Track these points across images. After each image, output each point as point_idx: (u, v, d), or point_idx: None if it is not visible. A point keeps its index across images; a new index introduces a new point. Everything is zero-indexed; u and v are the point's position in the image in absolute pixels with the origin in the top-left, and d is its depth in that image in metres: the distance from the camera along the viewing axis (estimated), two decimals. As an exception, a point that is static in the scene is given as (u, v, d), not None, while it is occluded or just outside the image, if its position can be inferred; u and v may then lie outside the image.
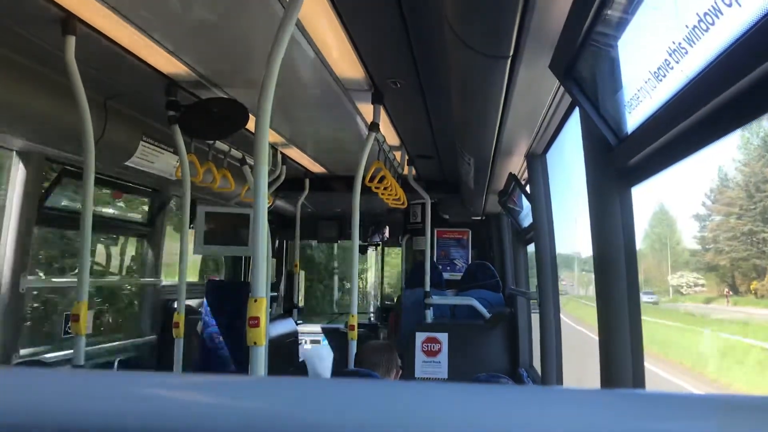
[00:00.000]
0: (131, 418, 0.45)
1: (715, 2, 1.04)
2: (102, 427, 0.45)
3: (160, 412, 0.46)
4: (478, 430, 0.45)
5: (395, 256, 8.06)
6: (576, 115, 2.24)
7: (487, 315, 4.58)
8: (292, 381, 0.49)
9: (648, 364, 1.77)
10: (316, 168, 5.42)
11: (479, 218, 6.32)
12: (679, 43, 1.21)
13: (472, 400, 0.47)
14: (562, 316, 3.34)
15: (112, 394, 0.48)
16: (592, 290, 1.90)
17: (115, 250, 4.67)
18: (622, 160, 1.69)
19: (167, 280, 4.72)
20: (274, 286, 6.84)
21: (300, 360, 5.79)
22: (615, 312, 1.75)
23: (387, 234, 7.34)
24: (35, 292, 3.65)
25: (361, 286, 8.78)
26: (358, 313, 3.65)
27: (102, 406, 0.46)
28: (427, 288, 4.88)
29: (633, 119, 1.57)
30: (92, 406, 0.46)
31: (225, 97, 3.23)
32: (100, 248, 4.52)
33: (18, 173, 3.15)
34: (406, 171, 4.99)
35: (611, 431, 0.45)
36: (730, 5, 1.01)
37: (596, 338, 1.84)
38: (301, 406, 0.46)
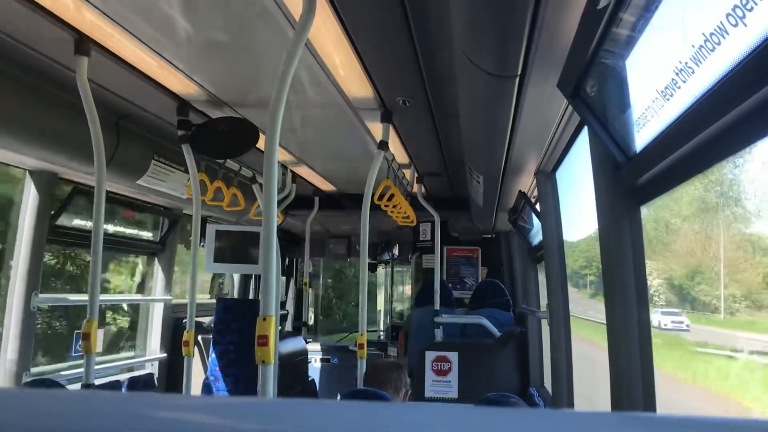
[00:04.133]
0: None
1: (721, 22, 1.05)
2: None
3: None
4: None
5: (405, 274, 8.06)
6: (585, 133, 2.24)
7: (498, 334, 4.55)
8: (300, 403, 0.49)
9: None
10: (325, 186, 5.43)
11: (489, 236, 6.30)
12: (686, 63, 1.21)
13: (482, 424, 0.46)
14: None
15: (122, 416, 0.48)
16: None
17: (125, 269, 4.69)
18: (630, 179, 1.69)
19: (178, 298, 4.73)
20: (284, 304, 6.84)
21: (309, 378, 5.76)
22: (625, 331, 1.74)
23: (396, 252, 7.33)
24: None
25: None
26: (368, 331, 3.64)
27: (110, 428, 0.46)
28: (437, 306, 4.87)
29: (641, 138, 1.57)
30: (101, 429, 0.46)
31: (235, 116, 3.26)
32: (111, 266, 4.54)
33: (30, 192, 3.18)
34: (415, 189, 4.99)
35: None
36: (735, 25, 1.02)
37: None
38: (310, 430, 0.46)
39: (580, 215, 3.37)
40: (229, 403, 0.52)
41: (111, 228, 4.10)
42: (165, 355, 4.59)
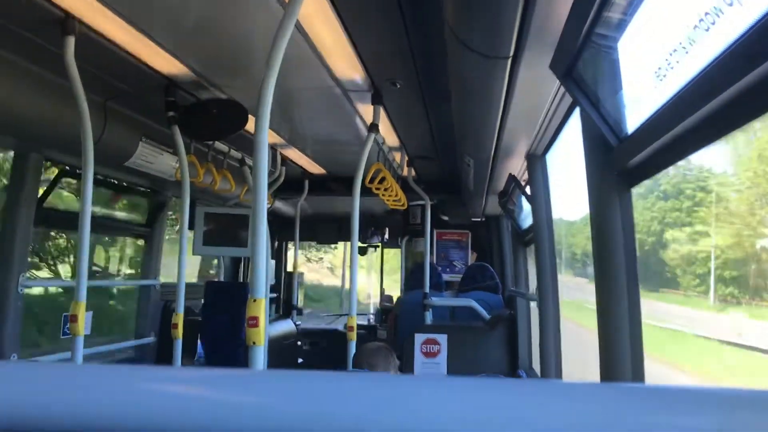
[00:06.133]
0: (131, 411, 0.45)
1: (717, 2, 1.04)
2: (102, 421, 0.45)
3: (160, 405, 0.46)
4: (477, 423, 0.44)
5: (395, 257, 8.06)
6: (576, 115, 2.24)
7: (487, 317, 4.57)
8: (291, 374, 0.49)
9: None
10: (315, 169, 5.42)
11: (479, 219, 6.31)
12: (680, 43, 1.21)
13: (471, 394, 0.46)
14: None
15: (112, 388, 0.48)
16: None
17: (113, 251, 4.66)
18: (622, 161, 1.69)
19: (166, 280, 4.72)
20: (274, 288, 6.83)
21: (299, 361, 5.78)
22: (615, 311, 1.75)
23: (387, 235, 7.33)
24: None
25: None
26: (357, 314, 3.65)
27: (102, 399, 0.46)
28: (427, 289, 4.88)
29: (633, 119, 1.57)
30: (92, 400, 0.46)
31: (224, 97, 3.23)
32: (99, 249, 4.51)
33: (17, 174, 3.15)
34: (405, 172, 4.99)
35: (611, 425, 0.45)
36: (731, 4, 1.01)
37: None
38: (300, 399, 0.46)
39: (573, 198, 3.32)
40: (222, 374, 0.51)
41: (99, 210, 4.06)
42: (154, 338, 4.58)
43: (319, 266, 15.70)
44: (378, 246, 7.66)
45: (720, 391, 0.47)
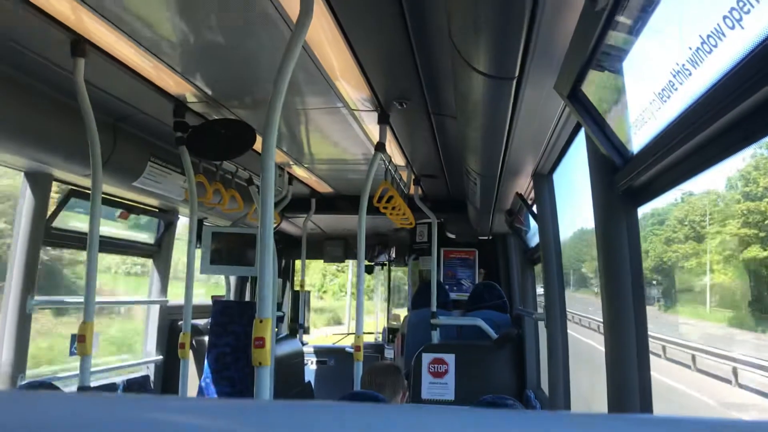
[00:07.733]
0: None
1: (719, 25, 1.05)
2: None
3: None
4: None
5: (402, 276, 8.05)
6: (582, 134, 2.24)
7: (494, 336, 4.55)
8: (297, 405, 0.48)
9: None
10: (322, 188, 5.43)
11: (486, 238, 6.30)
12: (683, 65, 1.22)
13: (479, 426, 0.46)
14: None
15: (118, 418, 0.48)
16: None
17: (122, 270, 4.68)
18: (627, 181, 1.69)
19: (174, 300, 4.72)
20: (280, 306, 6.83)
21: (306, 381, 5.76)
22: (622, 333, 1.74)
23: (393, 254, 7.32)
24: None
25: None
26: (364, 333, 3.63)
27: (106, 431, 0.46)
28: (434, 308, 4.86)
29: (638, 140, 1.57)
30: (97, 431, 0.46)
31: (233, 118, 3.25)
32: (107, 268, 4.53)
33: (26, 193, 3.17)
34: (412, 191, 4.99)
35: None
36: (733, 28, 1.02)
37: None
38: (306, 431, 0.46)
39: (580, 217, 3.31)
40: (226, 405, 0.52)
41: (107, 230, 4.08)
42: (161, 357, 4.58)
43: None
44: (385, 264, 7.65)
45: (729, 423, 0.47)
